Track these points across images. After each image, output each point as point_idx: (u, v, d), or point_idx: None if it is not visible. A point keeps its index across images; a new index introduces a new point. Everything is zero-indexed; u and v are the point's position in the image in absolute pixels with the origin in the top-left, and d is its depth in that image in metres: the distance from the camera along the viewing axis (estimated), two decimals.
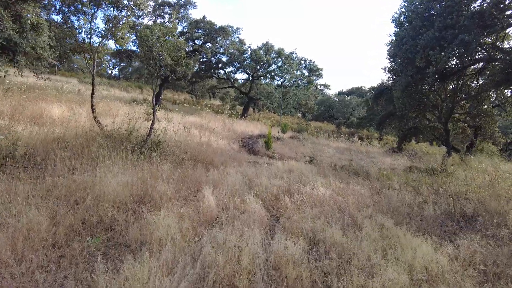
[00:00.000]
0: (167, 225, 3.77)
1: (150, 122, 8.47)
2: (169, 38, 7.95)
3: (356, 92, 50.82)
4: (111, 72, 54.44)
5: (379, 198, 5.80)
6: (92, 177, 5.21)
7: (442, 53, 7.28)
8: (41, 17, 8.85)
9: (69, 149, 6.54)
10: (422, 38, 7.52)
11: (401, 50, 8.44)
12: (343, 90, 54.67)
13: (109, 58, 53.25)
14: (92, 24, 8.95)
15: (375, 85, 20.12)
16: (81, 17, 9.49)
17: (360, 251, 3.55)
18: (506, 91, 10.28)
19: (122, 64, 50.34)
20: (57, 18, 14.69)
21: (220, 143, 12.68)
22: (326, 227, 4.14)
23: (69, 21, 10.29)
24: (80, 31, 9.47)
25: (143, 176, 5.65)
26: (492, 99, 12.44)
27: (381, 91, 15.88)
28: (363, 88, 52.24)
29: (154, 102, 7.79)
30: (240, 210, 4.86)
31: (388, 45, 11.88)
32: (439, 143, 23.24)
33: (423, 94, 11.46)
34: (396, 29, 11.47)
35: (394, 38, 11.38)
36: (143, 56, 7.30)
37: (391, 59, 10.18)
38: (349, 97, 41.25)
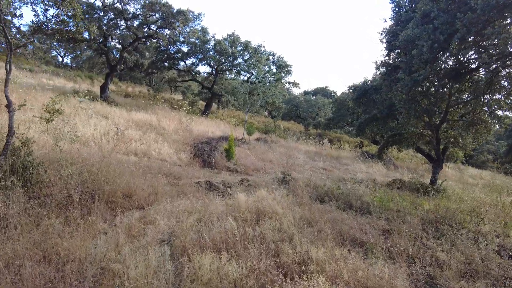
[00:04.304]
0: None
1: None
2: None
3: (321, 92, 48.77)
4: (62, 60, 47.03)
5: None
6: None
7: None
8: None
9: None
10: (474, 3, 4.44)
11: (426, 32, 5.34)
12: (308, 90, 52.50)
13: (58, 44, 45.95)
14: None
15: (356, 82, 17.31)
16: None
17: None
18: None
19: (77, 52, 43.71)
20: None
21: (165, 152, 8.97)
22: None
23: None
24: None
25: None
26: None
27: (364, 90, 13.03)
28: (328, 88, 50.44)
29: (8, 94, 3.95)
30: None
31: (381, 34, 8.91)
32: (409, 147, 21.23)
33: (421, 96, 8.69)
34: (393, 12, 8.56)
35: (391, 22, 8.44)
36: None
37: (402, 47, 6.96)
38: (314, 97, 38.87)
